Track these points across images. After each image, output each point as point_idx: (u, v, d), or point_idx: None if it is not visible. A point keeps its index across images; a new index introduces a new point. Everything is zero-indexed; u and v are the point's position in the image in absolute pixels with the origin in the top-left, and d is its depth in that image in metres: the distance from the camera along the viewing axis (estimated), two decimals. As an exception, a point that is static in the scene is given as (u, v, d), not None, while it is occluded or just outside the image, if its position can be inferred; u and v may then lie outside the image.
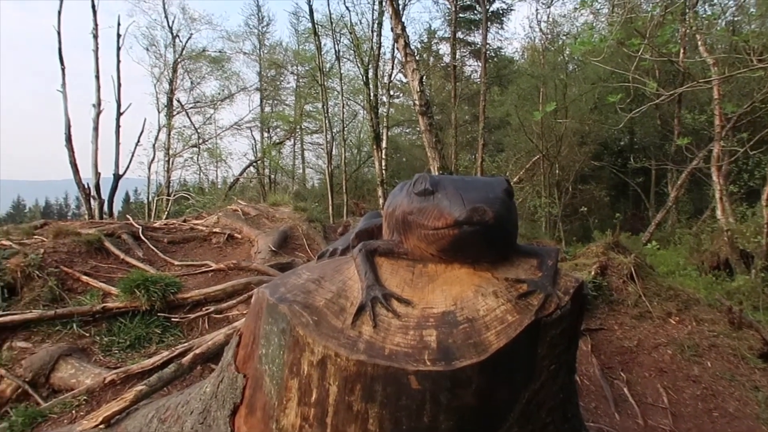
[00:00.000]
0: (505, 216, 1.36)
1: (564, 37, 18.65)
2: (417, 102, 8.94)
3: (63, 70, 16.04)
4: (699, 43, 9.96)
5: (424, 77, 10.29)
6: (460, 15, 19.30)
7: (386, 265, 1.54)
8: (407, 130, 26.39)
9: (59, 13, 16.06)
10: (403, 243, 1.53)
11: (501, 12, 19.74)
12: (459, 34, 19.84)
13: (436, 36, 22.86)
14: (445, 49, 22.77)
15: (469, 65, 22.32)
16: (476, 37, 20.69)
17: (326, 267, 1.62)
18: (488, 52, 18.22)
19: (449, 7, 19.27)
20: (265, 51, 26.59)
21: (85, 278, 5.63)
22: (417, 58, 11.93)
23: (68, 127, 15.83)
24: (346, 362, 1.25)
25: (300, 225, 7.88)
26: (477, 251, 1.43)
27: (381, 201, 16.92)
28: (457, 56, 19.50)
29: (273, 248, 6.93)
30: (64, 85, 16.00)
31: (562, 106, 15.54)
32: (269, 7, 28.42)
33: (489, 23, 18.32)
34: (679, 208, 15.92)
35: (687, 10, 7.76)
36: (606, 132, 18.47)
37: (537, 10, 21.77)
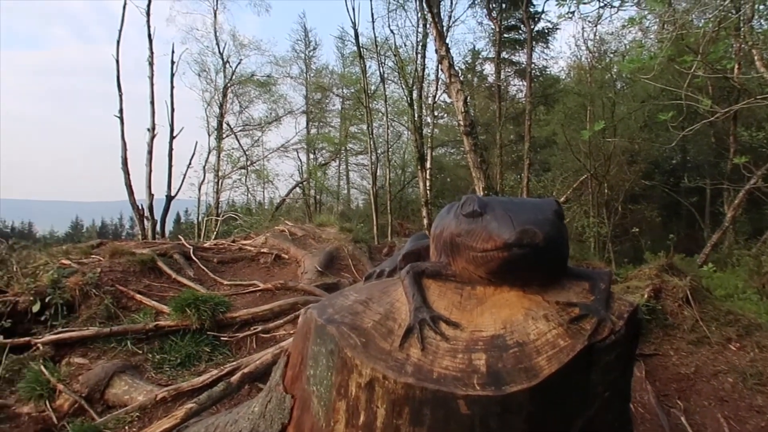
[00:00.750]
0: (555, 238, 1.34)
1: (611, 55, 18.33)
2: (461, 122, 8.93)
3: (121, 96, 16.75)
4: (756, 58, 9.62)
5: (469, 98, 10.29)
6: (505, 35, 19.26)
7: (434, 288, 1.53)
8: (451, 151, 26.32)
9: (118, 42, 16.84)
10: (450, 265, 1.52)
11: (546, 31, 19.58)
12: (503, 54, 19.79)
13: (481, 56, 22.84)
14: (489, 69, 22.73)
15: (514, 85, 22.18)
16: (521, 57, 20.56)
17: (373, 288, 1.63)
18: (533, 71, 18.07)
19: (493, 27, 19.28)
20: (312, 74, 27.14)
21: (138, 297, 5.81)
22: (461, 78, 11.94)
23: (124, 150, 16.51)
24: (394, 385, 1.24)
25: (346, 246, 7.93)
26: (527, 274, 1.41)
27: (425, 221, 16.86)
28: (501, 76, 19.43)
29: (319, 269, 6.99)
30: (121, 110, 16.70)
31: (610, 124, 15.22)
32: (316, 32, 29.21)
33: (534, 43, 18.20)
34: (737, 229, 15.24)
35: (741, 25, 7.52)
36: (657, 150, 17.96)
37: (583, 28, 21.54)
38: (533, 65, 18.23)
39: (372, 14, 18.59)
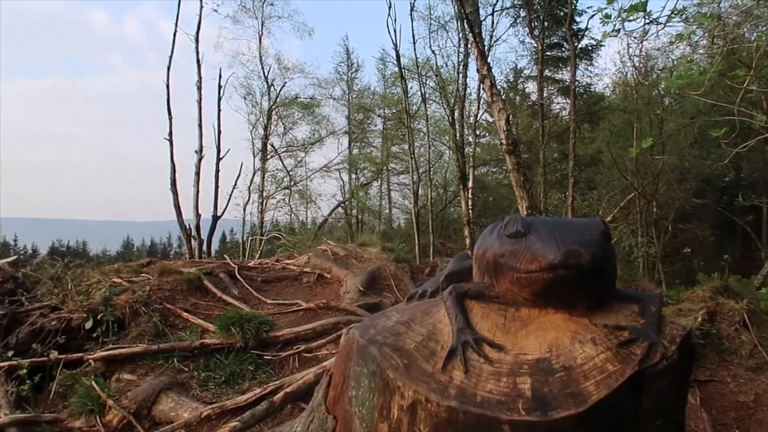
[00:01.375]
0: (602, 259, 1.30)
1: (659, 71, 17.93)
2: (504, 141, 8.88)
3: (170, 120, 17.34)
4: (812, 71, 9.24)
5: (511, 116, 10.22)
6: (547, 53, 19.10)
7: (477, 309, 1.51)
8: (494, 170, 26.11)
9: (168, 68, 17.51)
10: (494, 286, 1.50)
11: (590, 48, 19.33)
12: (546, 72, 19.60)
13: (523, 75, 22.72)
14: (531, 87, 22.53)
15: (557, 103, 21.92)
16: (564, 75, 20.34)
17: (416, 309, 1.62)
18: (577, 88, 17.83)
19: (536, 46, 19.16)
20: (354, 96, 27.50)
21: (185, 315, 5.93)
22: (503, 97, 11.90)
23: (173, 172, 17.04)
24: (437, 408, 1.22)
25: (387, 265, 7.92)
26: (573, 296, 1.38)
27: (468, 241, 16.73)
28: (544, 94, 19.25)
29: (361, 288, 7.00)
30: (171, 133, 17.27)
31: (658, 141, 14.84)
32: (358, 54, 29.72)
33: (577, 60, 17.99)
34: (797, 249, 14.55)
35: (797, 38, 7.25)
36: (708, 168, 17.37)
37: (628, 44, 21.16)
38: (577, 82, 18.01)
39: (413, 35, 18.78)
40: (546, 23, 18.81)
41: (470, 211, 17.65)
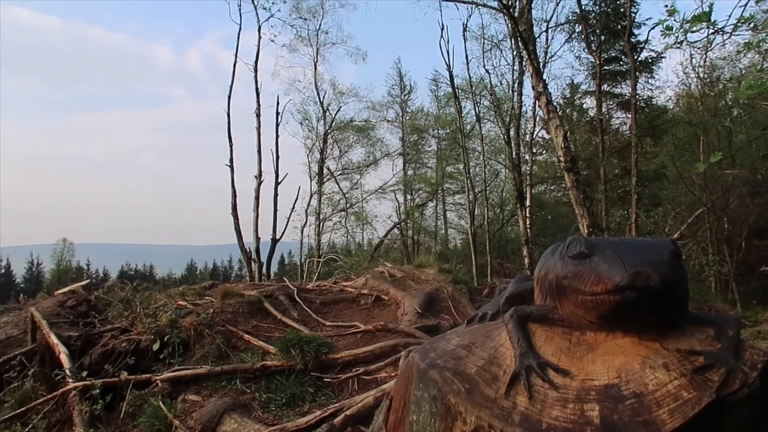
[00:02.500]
0: (672, 280, 1.25)
1: (725, 81, 17.21)
2: (562, 158, 8.72)
3: (231, 147, 18.01)
4: None
5: (569, 133, 10.03)
6: (605, 67, 18.69)
7: (540, 332, 1.47)
8: (552, 187, 25.62)
9: (229, 98, 18.22)
10: (557, 309, 1.46)
11: (650, 61, 18.73)
12: (604, 87, 19.15)
13: (580, 90, 22.30)
14: (590, 102, 22.04)
15: (617, 117, 21.30)
16: (624, 89, 19.78)
17: (476, 332, 1.59)
18: (638, 102, 17.31)
19: (593, 60, 18.79)
20: (408, 117, 27.77)
21: (247, 337, 6.06)
22: (560, 113, 11.69)
23: (234, 197, 17.63)
24: (501, 435, 1.19)
25: (445, 287, 7.86)
26: (641, 319, 1.32)
27: (527, 261, 16.42)
28: (603, 109, 18.80)
29: (419, 310, 6.96)
30: (231, 160, 17.91)
31: (728, 154, 14.20)
32: (411, 76, 29.94)
33: (637, 73, 17.49)
34: None
35: None
36: (784, 181, 16.46)
37: (692, 55, 20.43)
38: (638, 96, 17.49)
39: (466, 55, 18.92)
40: (603, 37, 18.43)
41: (528, 231, 17.34)
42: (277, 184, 19.54)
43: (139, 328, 6.36)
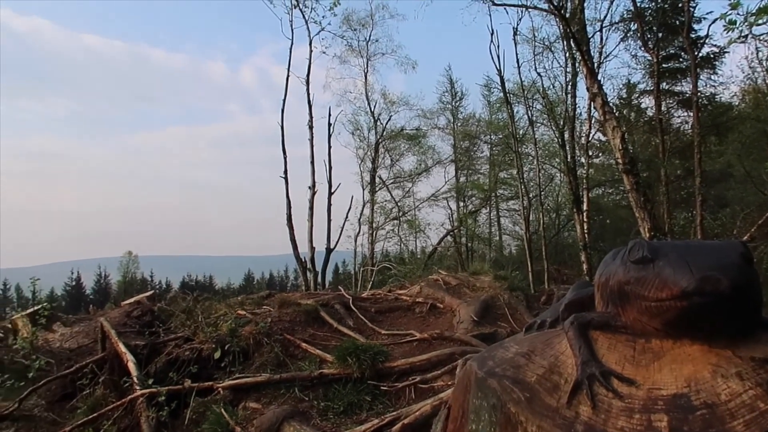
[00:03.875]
0: (743, 284, 1.18)
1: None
2: (620, 160, 8.46)
3: (285, 159, 18.38)
4: None
5: (626, 134, 9.73)
6: (664, 65, 18.04)
7: (602, 340, 1.43)
8: (610, 191, 24.91)
9: (282, 111, 18.64)
10: (620, 316, 1.41)
11: (712, 56, 17.97)
12: (663, 85, 18.48)
13: (637, 90, 21.61)
14: (648, 102, 21.32)
15: (678, 116, 20.50)
16: (684, 86, 19.01)
17: (535, 340, 1.56)
18: (700, 100, 16.61)
19: (650, 59, 18.17)
20: (459, 124, 27.71)
21: (304, 345, 6.15)
22: (616, 114, 11.36)
23: (289, 208, 17.98)
24: (564, 445, 1.16)
25: (501, 294, 7.75)
26: (711, 326, 1.26)
27: (585, 267, 16.00)
28: (662, 108, 18.14)
29: (475, 318, 6.89)
30: (285, 171, 18.28)
31: (800, 150, 13.43)
32: (462, 83, 29.77)
33: (698, 70, 16.79)
34: None
35: None
36: None
37: (757, 48, 19.43)
38: (699, 93, 16.79)
39: (517, 59, 18.52)
40: (660, 34, 17.81)
41: (586, 236, 16.88)
42: (330, 194, 19.85)
43: (201, 337, 6.56)
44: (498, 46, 17.95)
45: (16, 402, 6.06)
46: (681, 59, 18.47)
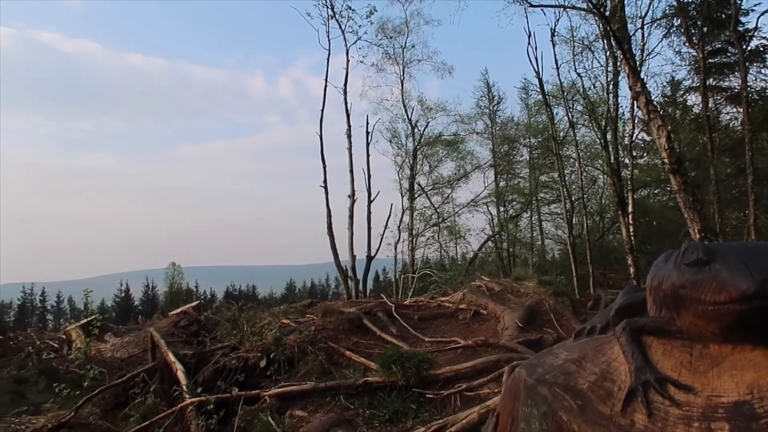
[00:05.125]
0: (808, 287, 1.13)
1: None
2: (666, 160, 8.22)
3: (324, 168, 18.56)
4: None
5: (672, 133, 9.47)
6: (710, 60, 17.48)
7: (656, 346, 1.39)
8: (656, 191, 24.21)
9: (321, 121, 18.86)
10: (675, 320, 1.37)
11: (762, 49, 17.30)
12: (710, 81, 17.89)
13: (682, 87, 20.99)
14: (694, 99, 20.67)
15: (726, 112, 19.78)
16: (733, 81, 18.37)
17: (586, 346, 1.53)
18: (750, 95, 16.00)
19: (696, 54, 17.63)
20: (497, 128, 27.44)
21: (348, 353, 6.18)
22: (661, 113, 11.06)
23: (329, 217, 18.14)
24: (620, 454, 1.13)
25: (546, 300, 7.62)
26: (773, 330, 1.21)
27: (632, 270, 15.55)
28: (710, 105, 17.56)
29: (520, 324, 6.80)
30: (325, 181, 18.47)
31: None
32: (499, 87, 29.44)
33: (747, 64, 16.20)
34: None
35: None
36: None
37: (811, 37, 18.64)
38: (749, 88, 16.18)
39: (556, 60, 18.21)
40: (705, 29, 17.27)
41: (632, 238, 16.42)
42: (369, 202, 19.93)
43: (246, 345, 6.67)
44: (536, 48, 17.64)
45: (72, 410, 6.27)
46: (728, 54, 17.87)
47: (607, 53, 17.50)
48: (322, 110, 18.99)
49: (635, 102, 11.76)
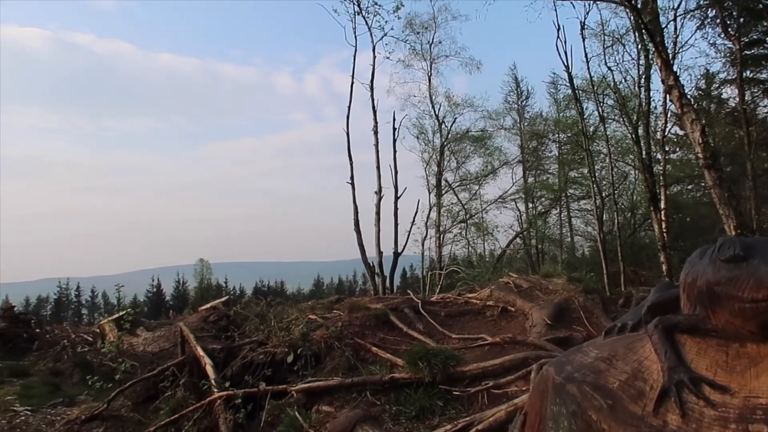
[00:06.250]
0: None
1: None
2: (700, 155, 8.03)
3: (351, 165, 18.62)
4: None
5: (707, 127, 9.23)
6: (746, 52, 16.98)
7: (690, 344, 1.35)
8: (689, 187, 23.65)
9: (347, 117, 18.93)
10: (710, 318, 1.32)
11: (801, 40, 16.78)
12: (746, 73, 17.38)
13: (717, 79, 20.44)
14: (730, 92, 20.10)
15: (764, 105, 19.18)
16: (769, 73, 17.84)
17: (616, 345, 1.50)
18: (788, 87, 15.51)
19: (731, 46, 17.16)
20: (526, 123, 27.14)
21: (374, 349, 6.18)
22: (695, 107, 10.79)
23: (356, 213, 18.21)
24: (652, 456, 1.10)
25: (576, 297, 7.49)
26: (815, 329, 1.16)
27: (664, 267, 15.26)
28: (746, 98, 17.06)
29: (549, 321, 6.70)
30: (352, 177, 18.53)
31: None
32: (527, 82, 29.06)
33: (786, 55, 15.69)
34: None
35: None
36: None
37: None
38: (788, 80, 15.67)
39: (585, 54, 17.90)
40: (742, 19, 16.78)
41: (665, 235, 16.08)
42: (396, 198, 19.90)
43: (274, 341, 6.73)
44: (565, 42, 17.39)
45: (104, 403, 6.41)
46: (766, 45, 17.34)
47: (639, 46, 17.17)
48: (349, 107, 19.09)
49: (668, 96, 11.52)
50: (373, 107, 19.60)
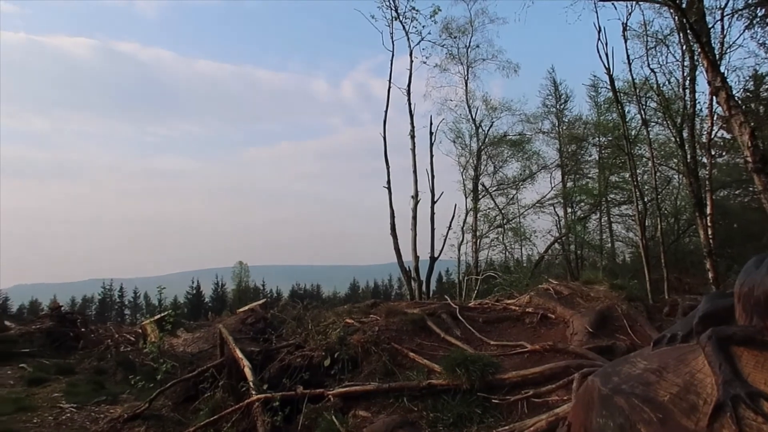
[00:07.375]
0: None
1: None
2: (749, 159, 7.73)
3: (388, 169, 18.66)
4: None
5: (756, 129, 8.90)
6: (797, 52, 16.35)
7: (747, 357, 1.29)
8: (737, 192, 22.88)
9: (384, 122, 18.97)
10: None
11: None
12: (798, 74, 16.75)
13: (767, 81, 19.75)
14: (780, 94, 19.45)
15: (816, 107, 18.51)
16: (824, 73, 17.15)
17: (666, 356, 1.45)
18: (844, 87, 14.86)
19: (780, 45, 16.54)
20: (564, 127, 26.69)
21: (412, 354, 6.15)
22: (744, 109, 10.43)
23: (392, 217, 18.23)
24: (708, 474, 1.06)
25: (619, 304, 7.30)
26: None
27: (710, 274, 14.75)
28: (798, 99, 16.43)
29: (590, 329, 6.55)
30: (389, 181, 18.56)
31: None
32: (566, 84, 28.59)
33: (841, 54, 15.04)
34: None
35: None
36: None
37: None
38: (843, 81, 15.02)
39: (627, 56, 17.45)
40: (793, 19, 16.16)
41: (711, 241, 15.57)
42: (433, 203, 19.83)
43: (311, 344, 6.78)
44: (606, 44, 17.06)
45: (146, 402, 6.57)
46: (818, 45, 16.65)
47: (683, 47, 16.70)
48: (386, 112, 19.14)
49: (714, 98, 11.17)
50: (410, 112, 19.63)
